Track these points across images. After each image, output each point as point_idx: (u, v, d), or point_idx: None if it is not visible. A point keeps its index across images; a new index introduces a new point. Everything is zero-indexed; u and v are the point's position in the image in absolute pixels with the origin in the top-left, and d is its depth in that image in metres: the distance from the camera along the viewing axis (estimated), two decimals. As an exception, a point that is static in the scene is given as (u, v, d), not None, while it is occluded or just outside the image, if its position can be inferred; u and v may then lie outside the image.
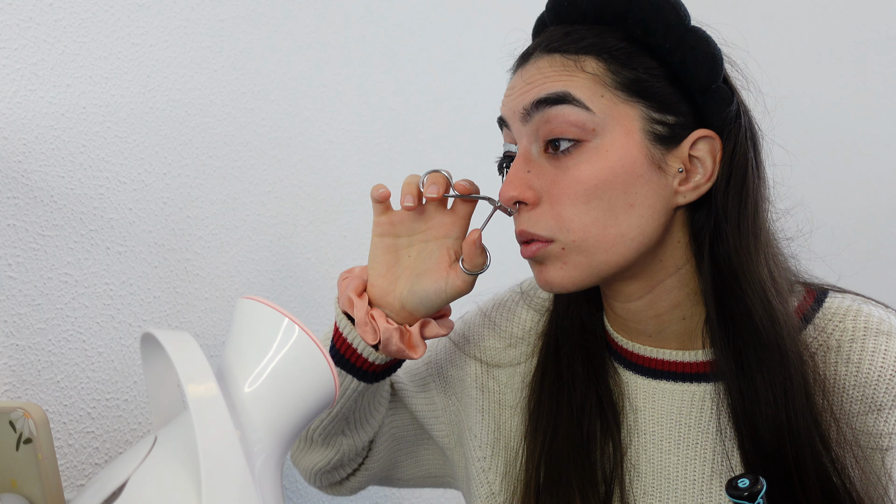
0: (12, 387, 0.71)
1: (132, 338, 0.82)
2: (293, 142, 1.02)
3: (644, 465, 0.69)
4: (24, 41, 0.73)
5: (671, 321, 0.68)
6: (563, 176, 0.63)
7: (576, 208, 0.62)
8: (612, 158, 0.62)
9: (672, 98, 0.63)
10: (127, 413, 0.81)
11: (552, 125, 0.63)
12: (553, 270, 0.64)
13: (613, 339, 0.73)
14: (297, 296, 1.01)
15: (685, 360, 0.68)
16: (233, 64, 0.94)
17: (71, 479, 0.76)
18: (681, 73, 0.63)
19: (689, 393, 0.68)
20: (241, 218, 0.94)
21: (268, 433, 0.56)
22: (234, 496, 0.49)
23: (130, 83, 0.83)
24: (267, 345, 0.57)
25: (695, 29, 0.63)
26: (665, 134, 0.63)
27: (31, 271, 0.73)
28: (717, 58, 0.63)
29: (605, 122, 0.62)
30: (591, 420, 0.70)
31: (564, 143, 0.62)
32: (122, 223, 0.81)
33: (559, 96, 0.62)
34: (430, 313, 0.70)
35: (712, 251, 0.64)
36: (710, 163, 0.64)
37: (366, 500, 1.10)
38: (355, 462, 0.82)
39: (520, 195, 0.64)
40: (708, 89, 0.63)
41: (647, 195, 0.63)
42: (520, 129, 0.65)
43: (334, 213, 1.07)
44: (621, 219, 0.62)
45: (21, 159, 0.73)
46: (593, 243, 0.63)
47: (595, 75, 0.63)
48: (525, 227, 0.65)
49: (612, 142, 0.62)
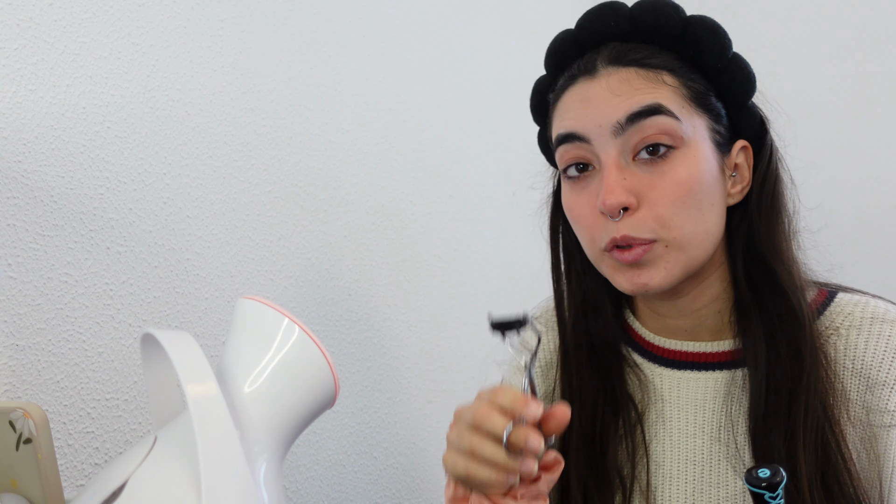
0: (12, 387, 0.71)
1: (132, 338, 0.82)
2: (293, 142, 1.02)
3: (669, 452, 0.73)
4: (24, 41, 0.73)
5: (708, 315, 0.74)
6: (661, 179, 0.67)
7: (675, 208, 0.67)
8: (700, 162, 0.67)
9: (720, 112, 0.70)
10: (127, 413, 0.81)
11: (646, 133, 0.66)
12: (654, 272, 0.68)
13: (642, 337, 0.78)
14: (297, 296, 1.01)
15: (712, 350, 0.74)
16: (233, 64, 0.94)
17: (71, 479, 0.76)
18: (724, 91, 0.70)
19: (713, 380, 0.73)
20: (241, 218, 0.94)
21: (268, 433, 0.56)
22: (234, 496, 0.49)
23: (130, 83, 0.83)
24: (267, 345, 0.57)
25: (736, 53, 0.70)
26: (722, 142, 0.70)
27: (31, 271, 0.73)
28: (754, 79, 0.71)
29: (688, 129, 0.67)
30: (605, 419, 0.74)
31: (662, 148, 0.67)
32: (122, 223, 0.81)
33: (653, 108, 0.66)
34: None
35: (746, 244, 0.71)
36: (746, 170, 0.72)
37: (365, 499, 1.10)
38: None
39: (625, 201, 0.66)
40: (744, 106, 0.71)
41: (720, 196, 0.69)
42: (608, 142, 0.68)
43: (334, 213, 1.07)
44: (707, 216, 0.68)
45: (21, 159, 0.73)
46: (689, 240, 0.67)
47: (674, 88, 0.68)
48: (627, 231, 0.67)
49: (697, 147, 0.68)
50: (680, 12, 0.69)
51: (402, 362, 1.16)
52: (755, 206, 0.71)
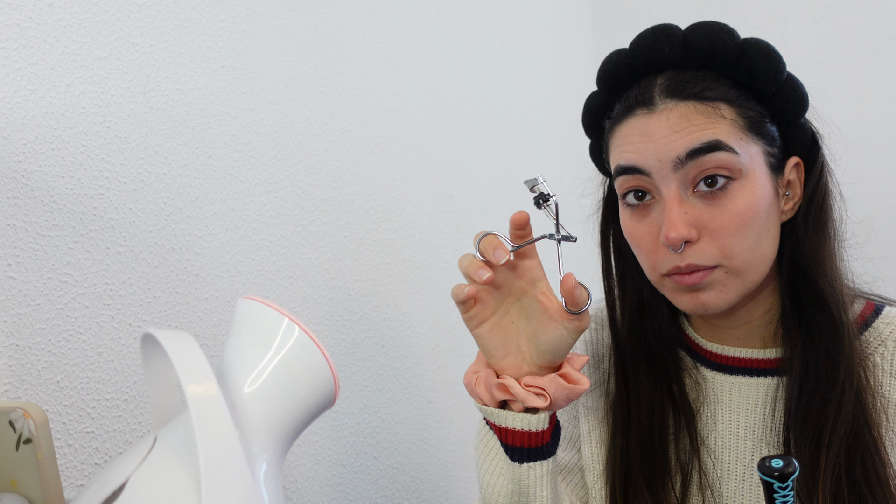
0: (12, 387, 0.71)
1: (132, 338, 0.82)
2: (293, 142, 1.02)
3: (722, 452, 0.77)
4: (24, 41, 0.73)
5: (760, 325, 0.77)
6: (721, 211, 0.69)
7: (735, 238, 0.69)
8: (757, 191, 0.70)
9: (774, 135, 0.72)
10: (127, 413, 0.81)
11: (705, 167, 0.69)
12: (713, 294, 0.71)
13: (696, 343, 0.81)
14: (297, 296, 1.01)
15: (762, 356, 0.77)
16: (233, 64, 0.94)
17: (71, 479, 0.76)
18: (778, 112, 0.72)
19: (764, 385, 0.77)
20: (241, 218, 0.94)
21: (268, 433, 0.56)
22: (234, 496, 0.49)
23: (130, 83, 0.83)
24: (267, 345, 0.57)
25: (791, 74, 0.71)
26: (776, 164, 0.72)
27: (31, 271, 0.73)
28: (807, 97, 0.72)
29: (746, 160, 0.69)
30: (663, 418, 0.78)
31: (721, 180, 0.69)
32: (122, 223, 0.81)
33: (712, 145, 0.68)
34: (565, 356, 0.71)
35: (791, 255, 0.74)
36: (798, 185, 0.74)
37: (365, 499, 1.10)
38: None
39: (687, 235, 0.69)
40: (796, 123, 0.73)
41: (775, 219, 0.72)
42: (668, 175, 0.70)
43: (334, 213, 1.07)
44: (764, 242, 0.71)
45: (21, 159, 0.73)
46: (749, 266, 0.70)
47: (732, 120, 0.70)
48: (692, 260, 0.70)
49: (754, 177, 0.70)
50: (734, 37, 0.70)
51: (402, 362, 1.16)
52: (802, 220, 0.74)
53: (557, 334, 0.68)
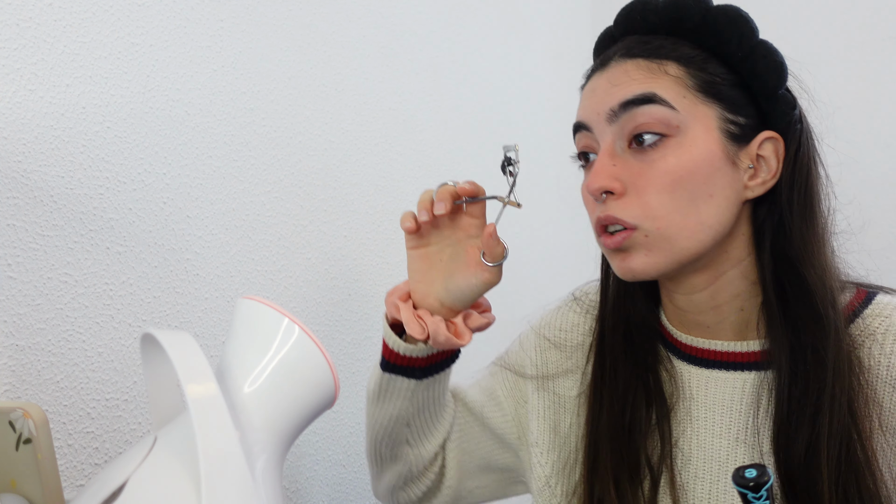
0: (12, 387, 0.71)
1: (132, 338, 0.82)
2: (293, 142, 1.02)
3: (696, 451, 0.73)
4: (24, 41, 0.73)
5: (729, 312, 0.73)
6: (649, 168, 0.67)
7: (661, 197, 0.67)
8: (695, 151, 0.67)
9: (742, 101, 0.69)
10: (127, 413, 0.81)
11: (638, 122, 0.68)
12: (638, 258, 0.69)
13: (669, 333, 0.78)
14: (297, 296, 1.01)
15: (739, 350, 0.73)
16: (233, 64, 0.94)
17: (71, 479, 0.76)
18: (750, 79, 0.69)
19: (740, 380, 0.73)
20: (241, 218, 0.94)
21: (268, 433, 0.56)
22: (234, 496, 0.49)
23: (130, 83, 0.83)
24: (267, 345, 0.57)
25: (763, 41, 0.69)
26: (737, 133, 0.69)
27: (31, 271, 0.73)
28: (784, 67, 0.70)
29: (687, 119, 0.67)
30: (636, 411, 0.75)
31: (650, 137, 0.67)
32: (122, 223, 0.81)
33: (646, 97, 0.68)
34: (467, 306, 0.76)
35: (774, 241, 0.70)
36: (774, 162, 0.70)
37: (365, 499, 1.10)
38: (427, 478, 0.85)
39: (608, 185, 0.68)
40: (774, 95, 0.70)
41: (723, 187, 0.68)
42: (604, 129, 0.70)
43: (334, 213, 1.07)
44: (701, 208, 0.67)
45: (21, 159, 0.73)
46: (676, 230, 0.67)
47: (677, 77, 0.68)
48: (611, 212, 0.68)
49: (695, 137, 0.67)
50: (701, 3, 0.70)
51: (402, 362, 1.16)
52: (786, 202, 0.70)
53: (466, 281, 0.74)
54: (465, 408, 0.87)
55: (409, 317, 0.75)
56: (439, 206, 0.73)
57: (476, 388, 0.89)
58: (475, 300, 0.76)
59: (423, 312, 0.75)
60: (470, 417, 0.87)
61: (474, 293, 0.75)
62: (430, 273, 0.77)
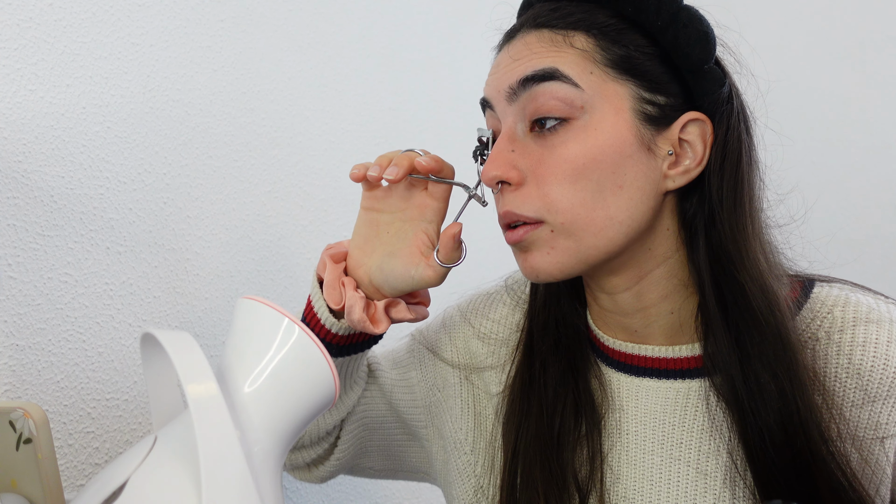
0: (12, 387, 0.71)
1: (132, 338, 0.82)
2: (293, 142, 1.02)
3: (626, 468, 0.65)
4: (24, 41, 0.73)
5: (658, 315, 0.65)
6: (550, 155, 0.60)
7: (563, 188, 0.59)
8: (601, 137, 0.59)
9: (663, 78, 0.61)
10: (127, 413, 0.81)
11: (539, 102, 0.60)
12: (539, 256, 0.61)
13: (596, 337, 0.70)
14: (298, 296, 1.01)
15: (671, 355, 0.65)
16: (233, 64, 0.94)
17: (71, 479, 0.76)
18: (672, 51, 0.61)
19: (673, 390, 0.65)
20: (241, 218, 0.94)
21: (268, 433, 0.56)
22: (234, 496, 0.49)
23: (130, 83, 0.83)
24: (267, 345, 0.57)
25: (687, 7, 0.61)
26: (655, 115, 0.61)
27: (31, 271, 0.73)
28: (710, 37, 0.61)
29: (593, 99, 0.60)
30: (565, 420, 0.67)
31: (551, 121, 0.60)
32: (122, 223, 0.81)
33: (547, 73, 0.60)
34: (395, 294, 0.68)
35: (707, 238, 0.62)
36: (700, 147, 0.62)
37: (365, 499, 1.10)
38: (320, 447, 0.79)
39: (503, 174, 0.61)
40: (700, 70, 0.61)
41: (636, 177, 0.60)
42: (505, 109, 0.63)
43: (334, 213, 1.07)
44: (610, 201, 0.60)
45: (21, 159, 0.73)
46: (581, 226, 0.60)
47: (584, 51, 0.60)
48: (510, 207, 0.62)
49: (601, 120, 0.60)
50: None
51: (402, 362, 1.16)
52: (715, 190, 0.61)
53: (404, 269, 0.65)
54: (377, 385, 0.80)
55: (333, 280, 0.67)
56: (391, 170, 0.64)
57: (390, 361, 0.82)
58: (406, 292, 0.68)
59: (348, 282, 0.68)
60: (379, 395, 0.80)
61: (407, 285, 0.66)
62: (372, 242, 0.69)
